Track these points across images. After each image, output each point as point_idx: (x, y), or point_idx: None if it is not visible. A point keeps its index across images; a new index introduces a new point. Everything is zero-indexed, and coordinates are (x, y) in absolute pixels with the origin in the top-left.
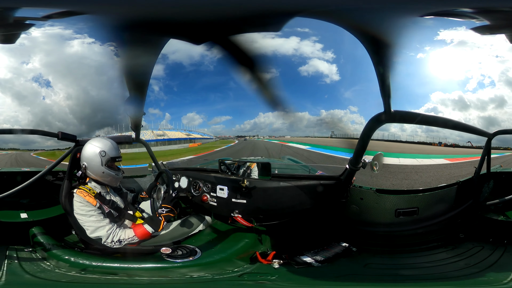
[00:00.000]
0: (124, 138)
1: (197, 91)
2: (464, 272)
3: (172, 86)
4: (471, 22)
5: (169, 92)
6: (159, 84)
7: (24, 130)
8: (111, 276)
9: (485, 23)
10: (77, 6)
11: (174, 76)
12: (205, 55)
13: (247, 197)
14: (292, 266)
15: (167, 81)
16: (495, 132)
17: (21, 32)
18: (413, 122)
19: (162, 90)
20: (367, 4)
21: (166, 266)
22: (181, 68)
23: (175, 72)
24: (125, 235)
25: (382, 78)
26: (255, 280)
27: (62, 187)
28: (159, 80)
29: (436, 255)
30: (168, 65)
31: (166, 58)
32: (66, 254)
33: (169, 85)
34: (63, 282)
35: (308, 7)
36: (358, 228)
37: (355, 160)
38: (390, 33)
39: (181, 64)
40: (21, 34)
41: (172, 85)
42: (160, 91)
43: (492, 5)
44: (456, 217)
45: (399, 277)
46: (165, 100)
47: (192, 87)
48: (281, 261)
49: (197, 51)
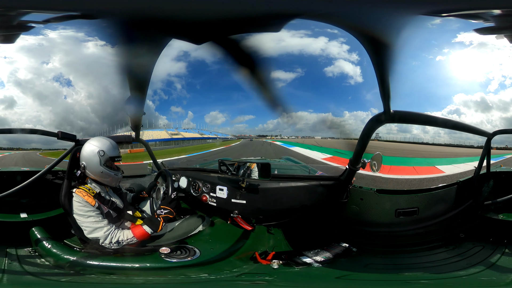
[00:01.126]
0: (123, 137)
1: (221, 89)
2: (466, 272)
3: (195, 84)
4: (487, 23)
5: (192, 90)
6: (181, 81)
7: (24, 129)
8: (109, 276)
9: (504, 24)
10: (81, 6)
11: (198, 74)
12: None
13: (246, 197)
14: (291, 266)
15: (190, 79)
16: (495, 132)
17: (21, 33)
18: (413, 122)
19: (185, 88)
20: (365, 7)
21: (164, 266)
22: (205, 66)
23: (199, 70)
24: (124, 236)
25: (382, 78)
26: (252, 280)
27: (62, 186)
28: (182, 77)
29: (437, 255)
30: (191, 62)
31: (189, 56)
32: (66, 253)
33: (192, 83)
34: (63, 281)
35: (307, 10)
36: (358, 229)
37: (355, 161)
38: (388, 34)
39: (205, 62)
40: (24, 35)
41: (195, 83)
42: (182, 89)
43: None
44: (456, 217)
45: (401, 277)
46: (188, 98)
47: (216, 85)
48: (280, 262)
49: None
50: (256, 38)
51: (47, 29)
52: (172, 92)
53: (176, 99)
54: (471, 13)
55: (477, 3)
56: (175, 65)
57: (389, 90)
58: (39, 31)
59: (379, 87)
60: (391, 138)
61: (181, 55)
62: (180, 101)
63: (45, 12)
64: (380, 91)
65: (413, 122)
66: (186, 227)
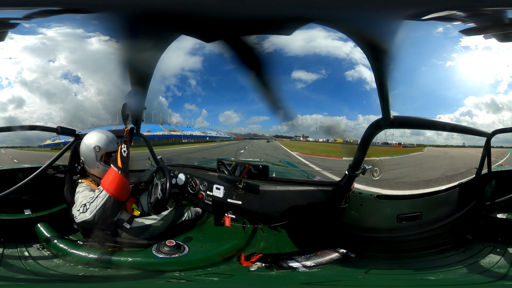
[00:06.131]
0: (123, 131)
1: (236, 89)
2: (483, 272)
3: (211, 82)
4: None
5: (207, 88)
6: (196, 77)
7: (23, 126)
8: (93, 268)
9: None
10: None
11: (214, 72)
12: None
13: (242, 198)
14: (271, 269)
15: (206, 76)
16: (494, 132)
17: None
18: (412, 127)
19: (200, 85)
20: (362, 12)
21: (153, 262)
22: (222, 63)
23: (216, 66)
24: (89, 196)
25: (380, 84)
26: (221, 278)
27: (64, 180)
28: (197, 73)
29: (448, 258)
30: (207, 57)
31: (204, 49)
32: (72, 248)
33: (207, 80)
34: (74, 276)
35: (310, 15)
36: (357, 234)
37: (355, 166)
38: (386, 39)
39: (223, 57)
40: (26, 35)
41: (211, 80)
42: (197, 86)
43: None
44: (461, 219)
45: (410, 282)
46: (203, 95)
47: (232, 85)
48: (263, 264)
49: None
50: (265, 40)
51: (51, 25)
52: (186, 88)
53: (190, 96)
54: (471, 14)
55: (477, 3)
56: (190, 59)
57: (388, 95)
58: (41, 29)
59: (378, 93)
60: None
61: (197, 48)
62: (194, 98)
63: (49, 7)
64: (379, 97)
65: (413, 127)
66: (175, 216)
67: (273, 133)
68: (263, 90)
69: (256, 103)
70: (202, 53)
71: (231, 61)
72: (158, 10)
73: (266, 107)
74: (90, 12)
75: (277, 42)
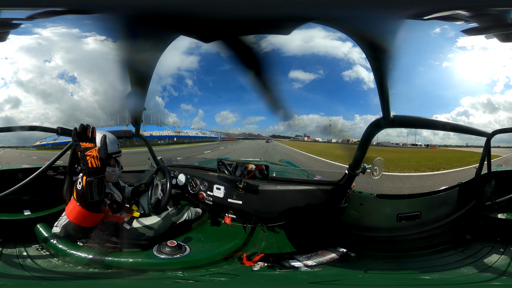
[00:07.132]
0: (124, 132)
1: (233, 89)
2: (482, 272)
3: (207, 82)
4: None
5: (204, 88)
6: (193, 77)
7: (23, 127)
8: (93, 268)
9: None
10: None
11: (210, 72)
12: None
13: (243, 198)
14: (274, 269)
15: (202, 76)
16: (494, 132)
17: (22, 32)
18: (412, 126)
19: (196, 85)
20: (362, 11)
21: (154, 262)
22: (219, 62)
23: (212, 66)
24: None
25: (380, 83)
26: (225, 279)
27: (64, 181)
28: (193, 73)
29: (447, 257)
30: (203, 57)
31: (201, 49)
32: (71, 249)
33: (204, 80)
34: (74, 277)
35: (310, 14)
36: (357, 234)
37: (355, 166)
38: (386, 38)
39: (220, 57)
40: (25, 35)
41: (207, 80)
42: (194, 86)
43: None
44: (460, 219)
45: (409, 281)
46: (199, 96)
47: (229, 85)
48: (265, 264)
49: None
50: (264, 40)
51: (47, 25)
52: (183, 88)
53: (187, 96)
54: (470, 14)
55: (477, 3)
56: (186, 58)
57: (388, 95)
58: (37, 29)
59: (378, 92)
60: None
61: (193, 47)
62: (191, 98)
63: (47, 8)
64: (379, 96)
65: (413, 126)
66: (175, 215)
67: (270, 133)
68: (263, 90)
69: (252, 103)
70: (198, 52)
71: (230, 61)
72: (157, 10)
73: (265, 107)
74: (90, 13)
75: (274, 42)
